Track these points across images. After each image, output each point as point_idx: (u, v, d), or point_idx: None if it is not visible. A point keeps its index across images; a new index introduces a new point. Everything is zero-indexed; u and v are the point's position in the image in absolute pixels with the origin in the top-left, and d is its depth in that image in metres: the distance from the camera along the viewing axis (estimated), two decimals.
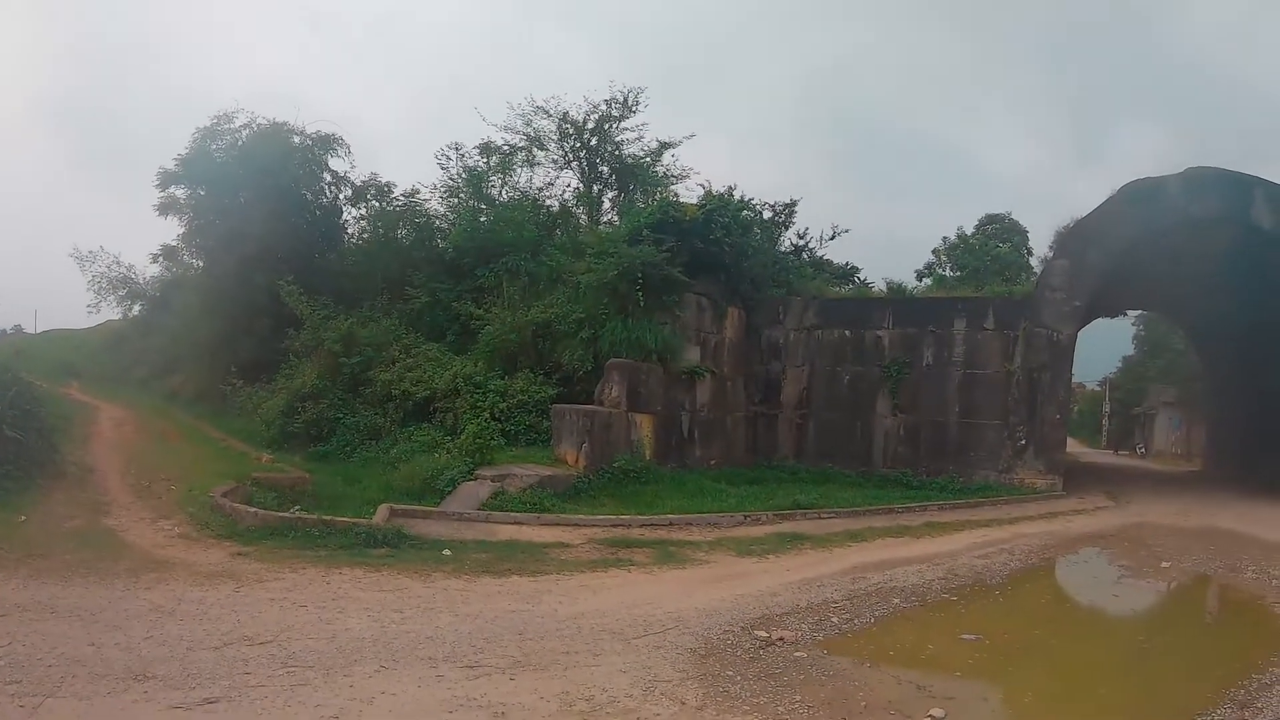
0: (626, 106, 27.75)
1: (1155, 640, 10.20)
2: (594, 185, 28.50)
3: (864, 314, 24.61)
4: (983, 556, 13.68)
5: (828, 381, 24.44)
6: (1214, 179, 22.94)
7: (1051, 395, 22.74)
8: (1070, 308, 22.88)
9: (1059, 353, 22.82)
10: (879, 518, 16.98)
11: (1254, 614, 11.30)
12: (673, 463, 20.06)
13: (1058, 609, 11.59)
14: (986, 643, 8.89)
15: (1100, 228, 23.11)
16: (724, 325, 23.49)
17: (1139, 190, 23.10)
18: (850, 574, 11.67)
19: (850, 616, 9.44)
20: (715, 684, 6.92)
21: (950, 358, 23.47)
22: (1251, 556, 14.82)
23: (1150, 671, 8.71)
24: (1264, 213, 22.47)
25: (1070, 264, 23.16)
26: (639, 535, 13.52)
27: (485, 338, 20.87)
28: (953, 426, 23.25)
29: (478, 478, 15.22)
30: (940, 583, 11.58)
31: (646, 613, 8.98)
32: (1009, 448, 22.59)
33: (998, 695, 7.63)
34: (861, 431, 23.98)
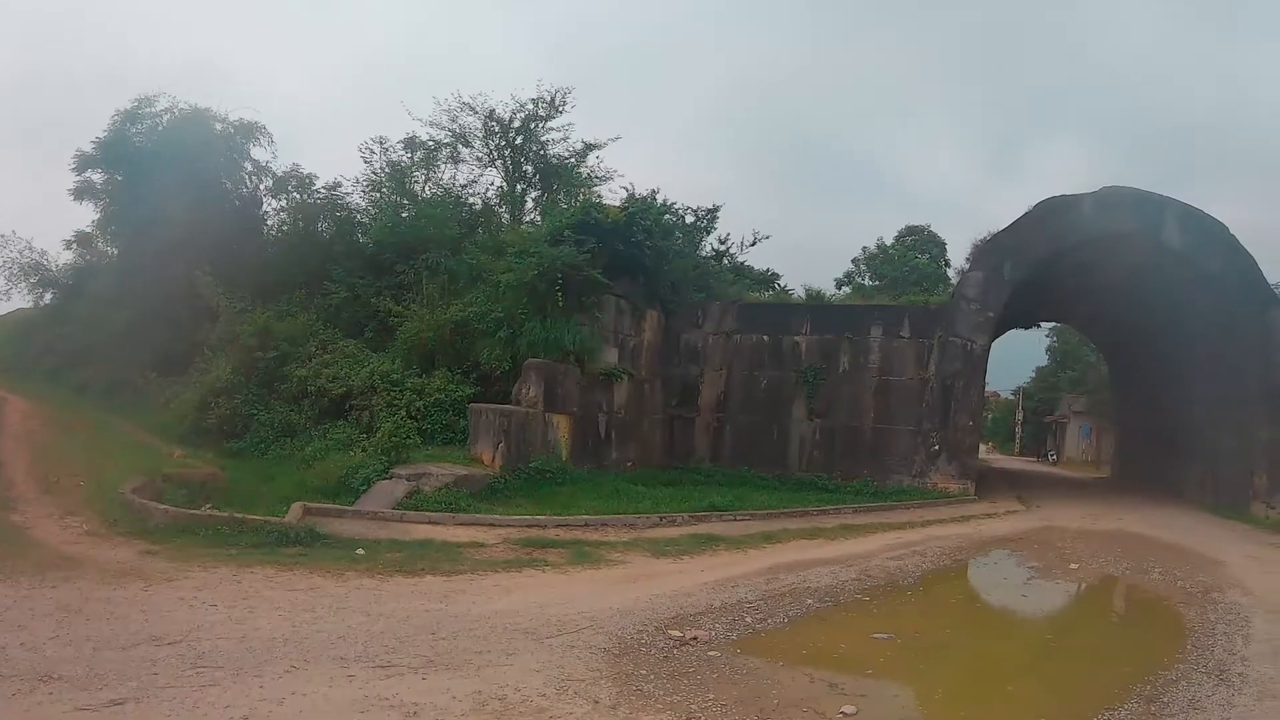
0: (553, 106, 27.70)
1: (1064, 639, 10.42)
2: (518, 184, 28.36)
3: (782, 320, 24.98)
4: (896, 558, 13.90)
5: (745, 385, 24.73)
6: (1127, 198, 23.69)
7: (965, 403, 23.26)
8: (984, 318, 23.45)
9: (973, 362, 23.37)
10: (794, 520, 17.11)
11: (1160, 613, 11.68)
12: (589, 464, 20.07)
13: (969, 609, 11.82)
14: (898, 642, 9.04)
15: (1016, 242, 23.75)
16: (643, 328, 23.60)
17: (1054, 207, 23.80)
18: (765, 575, 11.76)
19: (764, 616, 9.52)
20: (629, 683, 6.95)
21: (866, 364, 23.94)
22: (1156, 559, 15.32)
23: (1059, 669, 8.90)
24: (1174, 232, 23.22)
25: (986, 276, 23.74)
26: (554, 535, 13.50)
27: (403, 335, 20.67)
28: (868, 431, 23.67)
29: (393, 476, 15.07)
30: (854, 583, 11.74)
31: (561, 612, 8.96)
32: (923, 453, 23.07)
33: (909, 693, 7.73)
34: (778, 435, 24.27)
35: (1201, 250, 23.33)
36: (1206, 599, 12.16)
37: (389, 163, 27.76)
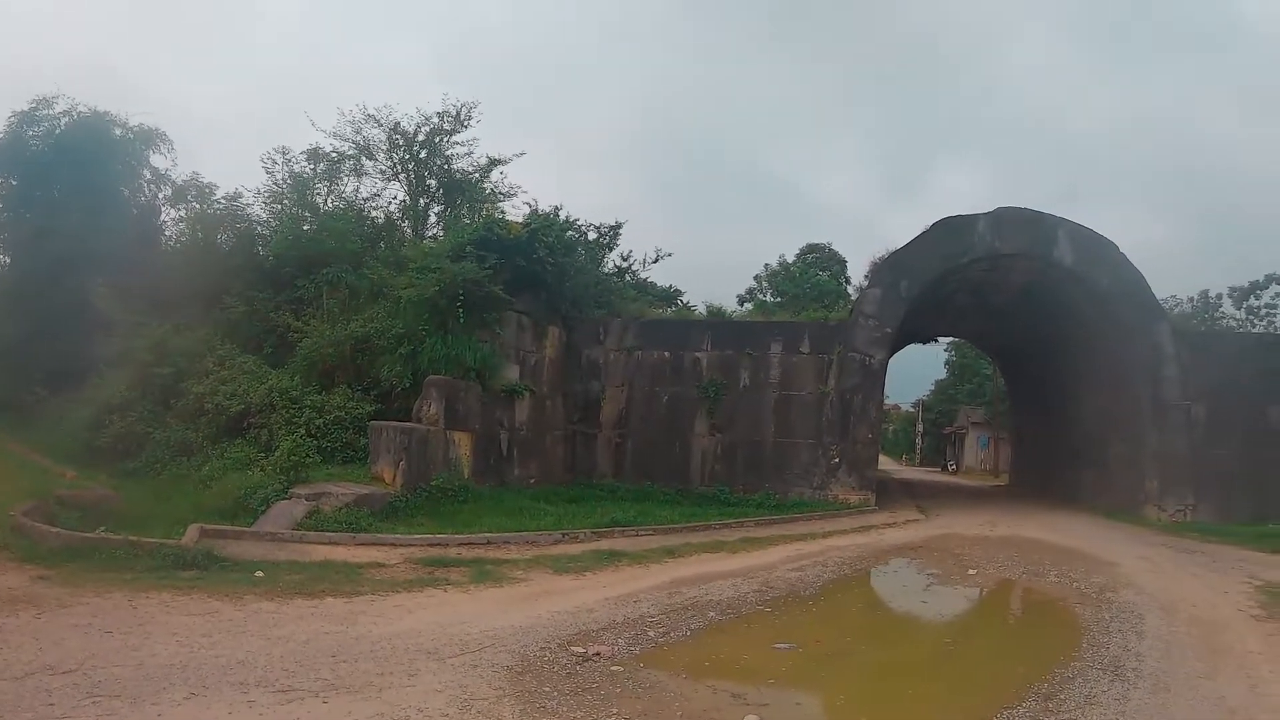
0: (459, 120, 27.54)
1: (963, 642, 10.71)
2: (421, 198, 28.07)
3: (683, 336, 25.21)
4: (797, 569, 14.11)
5: (647, 401, 24.89)
6: (1021, 218, 24.63)
7: (864, 416, 23.72)
8: (882, 334, 24.04)
9: (871, 376, 23.93)
10: (696, 534, 17.30)
11: (1056, 614, 12.02)
12: (491, 481, 19.97)
13: (869, 616, 12.04)
14: (800, 651, 9.19)
15: (913, 260, 24.44)
16: (544, 344, 23.61)
17: (950, 226, 24.62)
18: (667, 589, 11.86)
19: (667, 630, 9.61)
20: (532, 700, 6.97)
21: (767, 379, 24.35)
22: (1052, 562, 15.85)
23: (958, 671, 9.14)
24: (1066, 250, 24.23)
25: (883, 293, 24.32)
26: (456, 554, 13.38)
27: (303, 351, 20.24)
28: (769, 445, 24.03)
29: (292, 496, 14.78)
30: (755, 595, 11.90)
31: (463, 631, 8.94)
32: (823, 465, 23.48)
33: (812, 700, 7.89)
34: (680, 450, 24.49)
35: (1092, 267, 24.35)
36: (1101, 599, 12.63)
37: (291, 174, 27.22)
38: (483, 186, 28.14)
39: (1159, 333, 24.24)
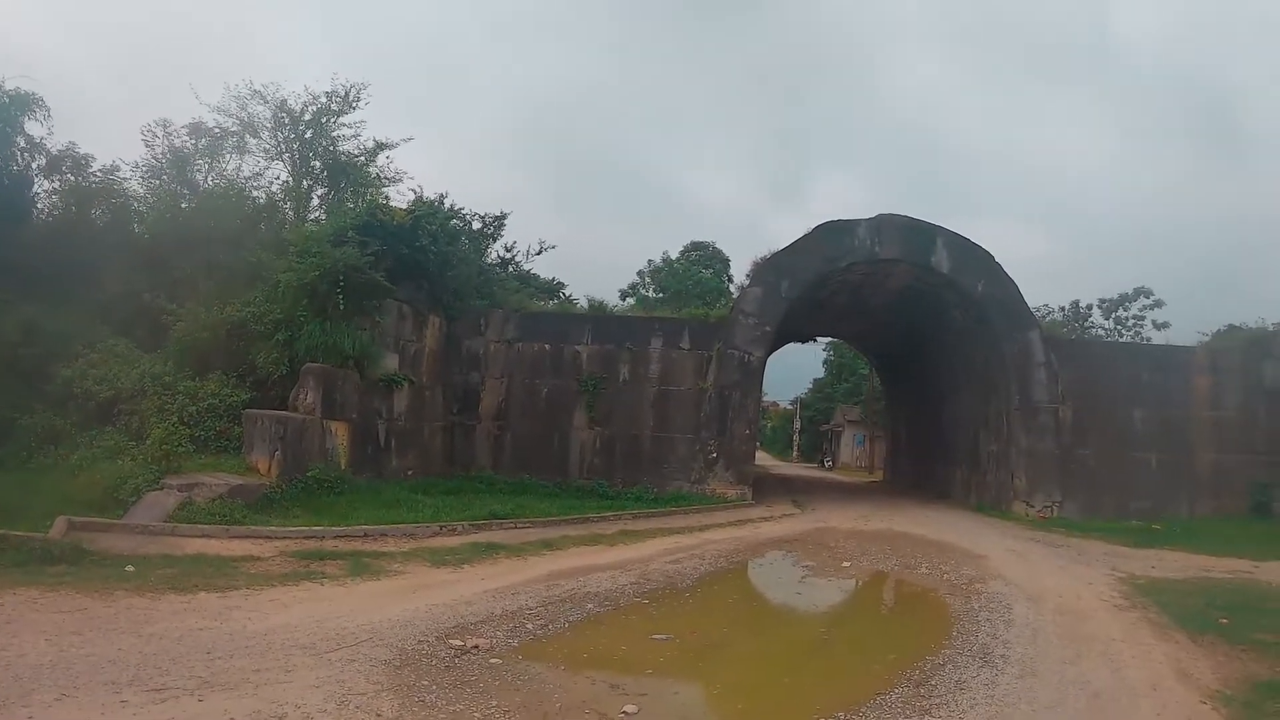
0: (347, 101, 26.84)
1: (837, 632, 11.00)
2: (304, 180, 27.12)
3: (564, 329, 25.32)
4: (674, 561, 14.33)
5: (526, 394, 24.95)
6: (900, 225, 25.40)
7: (741, 412, 24.17)
8: (762, 332, 24.51)
9: (749, 373, 24.35)
10: (574, 527, 17.38)
11: (927, 604, 12.45)
12: (369, 472, 19.79)
13: (745, 608, 12.22)
14: (677, 642, 9.36)
15: (794, 261, 24.98)
16: (424, 334, 23.44)
17: (832, 230, 25.24)
18: (545, 582, 11.96)
19: (545, 622, 9.70)
20: (411, 694, 6.99)
21: (646, 374, 24.67)
22: (924, 555, 16.37)
23: (832, 660, 9.41)
24: (943, 257, 25.12)
25: (764, 293, 24.81)
26: (333, 547, 13.26)
27: (177, 335, 19.42)
28: (647, 439, 24.33)
29: (164, 487, 14.29)
30: (633, 587, 12.07)
31: (340, 626, 8.90)
32: (701, 460, 23.87)
33: (689, 689, 8.01)
34: (559, 443, 24.63)
35: (968, 274, 25.28)
36: (971, 589, 13.09)
37: (171, 148, 26.08)
38: (368, 171, 27.54)
39: (1030, 339, 25.33)
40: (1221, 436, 26.24)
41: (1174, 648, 9.95)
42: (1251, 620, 11.16)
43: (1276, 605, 12.34)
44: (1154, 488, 25.63)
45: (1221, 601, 12.44)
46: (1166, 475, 25.78)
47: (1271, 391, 26.30)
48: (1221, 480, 25.95)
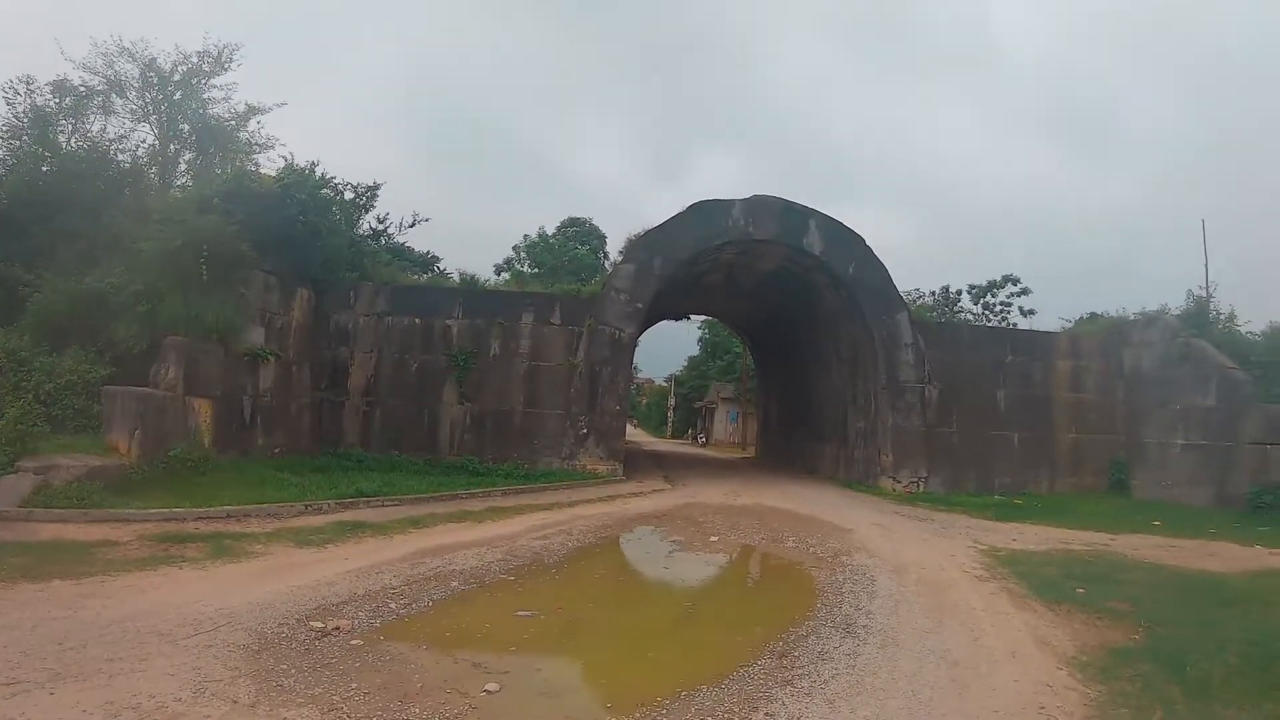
0: (219, 62, 25.73)
1: (703, 606, 10.96)
2: (172, 144, 25.84)
3: (435, 303, 25.00)
4: (542, 538, 14.23)
5: (396, 369, 24.57)
6: (774, 206, 25.65)
7: (612, 388, 24.18)
8: (633, 309, 24.51)
9: (620, 349, 24.38)
10: (442, 504, 17.25)
11: (793, 577, 12.56)
12: (234, 451, 19.31)
13: (612, 583, 12.15)
14: (542, 619, 9.30)
15: (667, 239, 25.01)
16: (292, 307, 22.87)
17: (705, 209, 25.38)
18: (410, 560, 11.79)
19: (409, 602, 9.57)
20: (269, 679, 6.84)
21: (517, 349, 24.53)
22: (791, 529, 16.53)
23: (697, 633, 9.38)
24: (815, 239, 25.52)
25: (636, 269, 24.82)
26: (194, 529, 12.89)
27: (34, 308, 18.54)
28: (518, 415, 24.18)
29: (18, 470, 13.66)
30: (499, 564, 11.95)
31: (198, 611, 8.64)
32: (572, 436, 23.83)
33: (552, 666, 7.94)
34: (429, 420, 24.32)
35: (839, 257, 25.75)
36: (836, 562, 13.29)
37: (33, 107, 24.31)
38: (239, 135, 26.46)
39: (898, 320, 25.94)
40: (1081, 417, 27.51)
41: (1032, 616, 10.26)
42: (1107, 590, 11.57)
43: (1131, 575, 12.75)
44: (1016, 464, 26.74)
45: (1079, 572, 12.88)
46: (1028, 453, 26.89)
47: (1129, 376, 27.54)
48: (1081, 458, 27.24)
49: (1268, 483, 21.59)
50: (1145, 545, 16.31)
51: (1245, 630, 9.33)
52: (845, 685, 7.45)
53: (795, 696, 7.12)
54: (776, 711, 6.75)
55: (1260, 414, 22.49)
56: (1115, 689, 7.66)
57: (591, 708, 6.85)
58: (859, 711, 6.82)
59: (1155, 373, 26.30)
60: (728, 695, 7.10)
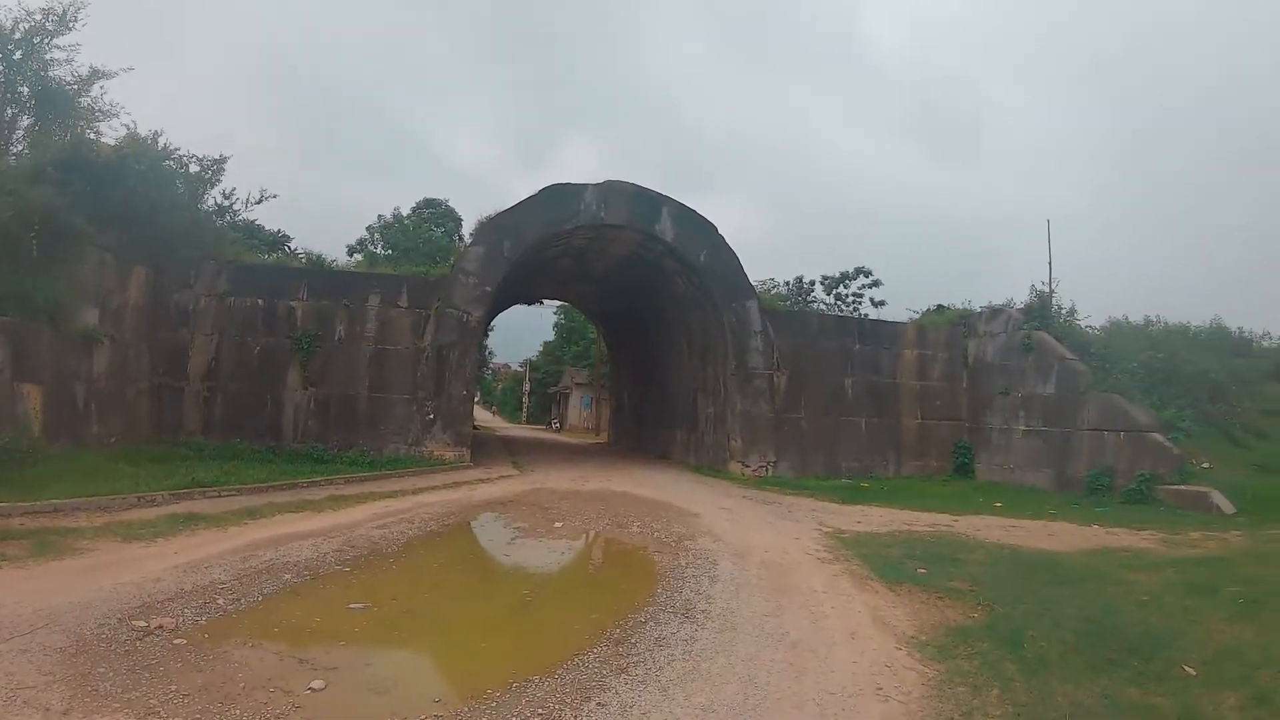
0: (63, 21, 23.47)
1: (542, 593, 10.86)
2: (8, 108, 23.86)
3: (280, 283, 24.23)
4: (382, 527, 13.91)
5: (238, 352, 23.68)
6: (627, 192, 25.77)
7: (459, 372, 23.92)
8: (482, 292, 24.25)
9: (469, 333, 24.10)
10: (282, 493, 16.72)
11: (635, 562, 12.54)
12: (67, 440, 18.24)
13: (451, 572, 11.90)
14: (375, 611, 9.07)
15: (519, 222, 24.84)
16: (129, 286, 21.78)
17: (559, 193, 25.28)
18: (242, 553, 11.36)
19: (238, 597, 9.21)
20: (85, 683, 6.48)
21: (363, 333, 23.99)
22: (637, 514, 16.54)
23: (535, 622, 9.28)
24: (668, 226, 25.76)
25: (486, 252, 24.59)
26: (18, 525, 12.14)
27: None
28: (363, 400, 23.67)
29: None
30: (335, 555, 11.62)
31: (14, 613, 8.13)
32: (418, 421, 23.49)
33: (381, 659, 7.74)
34: (272, 405, 23.57)
35: (691, 244, 26.03)
36: (679, 547, 13.31)
37: None
38: (80, 101, 24.81)
39: (749, 308, 26.39)
40: (927, 404, 28.80)
41: (873, 597, 10.40)
42: (947, 569, 11.84)
43: (972, 555, 13.07)
44: (864, 449, 27.67)
45: (920, 553, 13.16)
46: (875, 438, 27.82)
47: (974, 365, 29.04)
48: (927, 443, 28.45)
49: (1104, 466, 22.85)
50: (987, 526, 16.85)
51: (1081, 607, 9.64)
52: (681, 671, 7.43)
53: (629, 684, 7.06)
54: (609, 701, 6.69)
55: (1098, 402, 23.88)
56: (953, 667, 7.79)
57: (419, 702, 6.64)
58: (694, 698, 6.79)
59: (999, 362, 27.67)
60: (560, 685, 7.01)
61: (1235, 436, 23.80)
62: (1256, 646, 8.33)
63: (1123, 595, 10.48)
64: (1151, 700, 7.05)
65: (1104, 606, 9.79)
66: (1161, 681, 7.48)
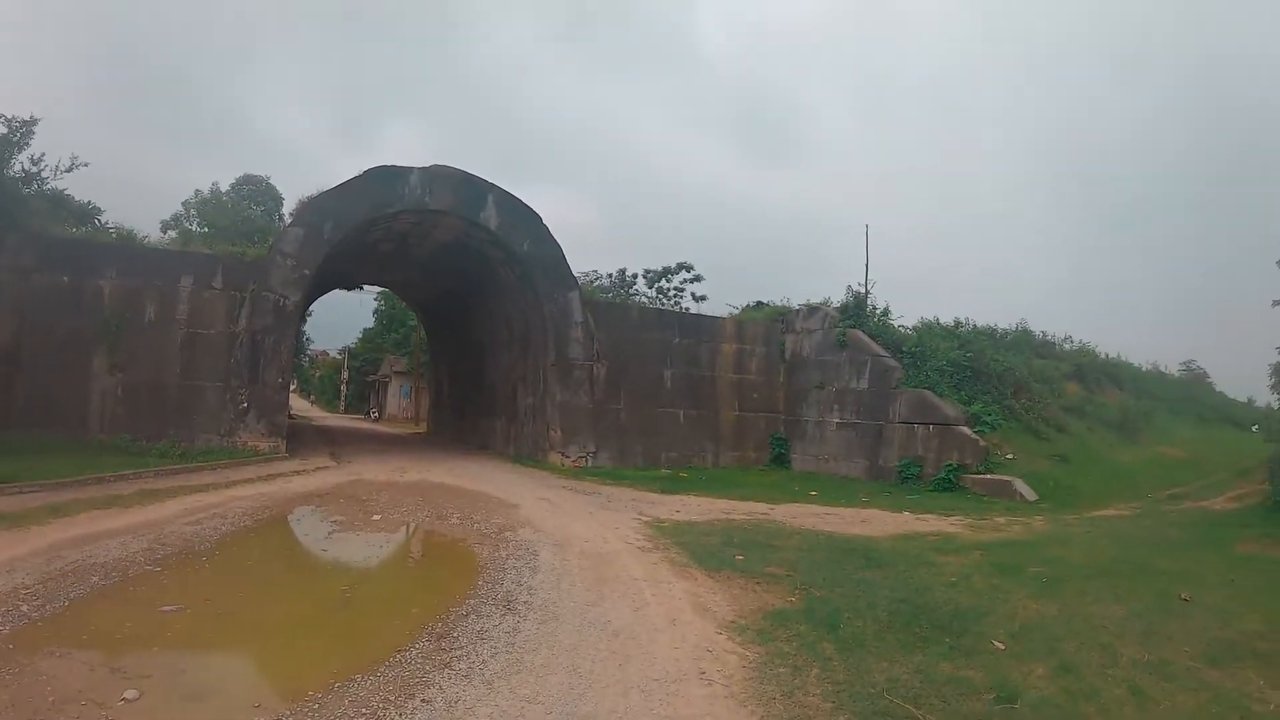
0: None
1: (362, 589, 10.65)
2: None
3: (87, 260, 22.51)
4: (194, 523, 13.37)
5: (41, 334, 21.75)
6: (453, 177, 25.46)
7: (275, 359, 23.09)
8: (300, 275, 23.49)
9: (285, 318, 23.30)
10: (89, 488, 15.85)
11: (455, 555, 12.39)
12: None
13: (266, 569, 11.56)
14: (190, 612, 8.73)
15: (341, 203, 24.15)
16: None
17: (382, 175, 24.73)
18: (46, 554, 10.68)
19: (43, 603, 8.68)
20: None
21: (175, 315, 22.68)
22: (457, 506, 16.34)
23: (356, 619, 9.08)
24: (492, 214, 25.58)
25: (306, 234, 23.80)
26: None
27: None
28: (175, 388, 22.45)
29: None
30: (145, 554, 11.09)
31: None
32: (232, 411, 22.54)
33: (197, 664, 7.45)
34: (77, 392, 21.86)
35: (516, 233, 25.93)
36: (500, 538, 13.22)
37: None
38: None
39: (570, 299, 26.51)
40: (745, 396, 29.72)
41: (693, 584, 10.53)
42: (765, 556, 12.14)
43: (788, 542, 13.41)
44: (683, 439, 28.20)
45: (739, 540, 13.43)
46: (694, 429, 28.41)
47: (791, 360, 30.28)
48: (744, 434, 29.34)
49: (915, 456, 24.02)
50: (802, 514, 17.35)
51: (893, 589, 10.09)
52: (504, 664, 7.38)
53: (453, 680, 6.98)
54: (433, 697, 6.60)
55: (909, 397, 25.18)
56: (773, 650, 7.97)
57: (238, 708, 6.43)
58: (518, 691, 6.76)
59: (815, 358, 28.85)
60: (383, 683, 6.88)
61: (1037, 430, 25.41)
62: (1060, 620, 9.03)
63: (933, 577, 11.02)
64: (964, 673, 7.42)
65: (916, 587, 10.27)
66: (972, 656, 7.91)
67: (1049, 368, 30.31)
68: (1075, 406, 28.74)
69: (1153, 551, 12.92)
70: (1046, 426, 25.98)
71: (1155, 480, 23.78)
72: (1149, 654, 8.08)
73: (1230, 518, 16.85)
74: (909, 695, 6.86)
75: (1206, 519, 17.00)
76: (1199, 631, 8.71)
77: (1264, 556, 12.74)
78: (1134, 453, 27.15)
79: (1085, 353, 35.25)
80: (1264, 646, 8.30)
